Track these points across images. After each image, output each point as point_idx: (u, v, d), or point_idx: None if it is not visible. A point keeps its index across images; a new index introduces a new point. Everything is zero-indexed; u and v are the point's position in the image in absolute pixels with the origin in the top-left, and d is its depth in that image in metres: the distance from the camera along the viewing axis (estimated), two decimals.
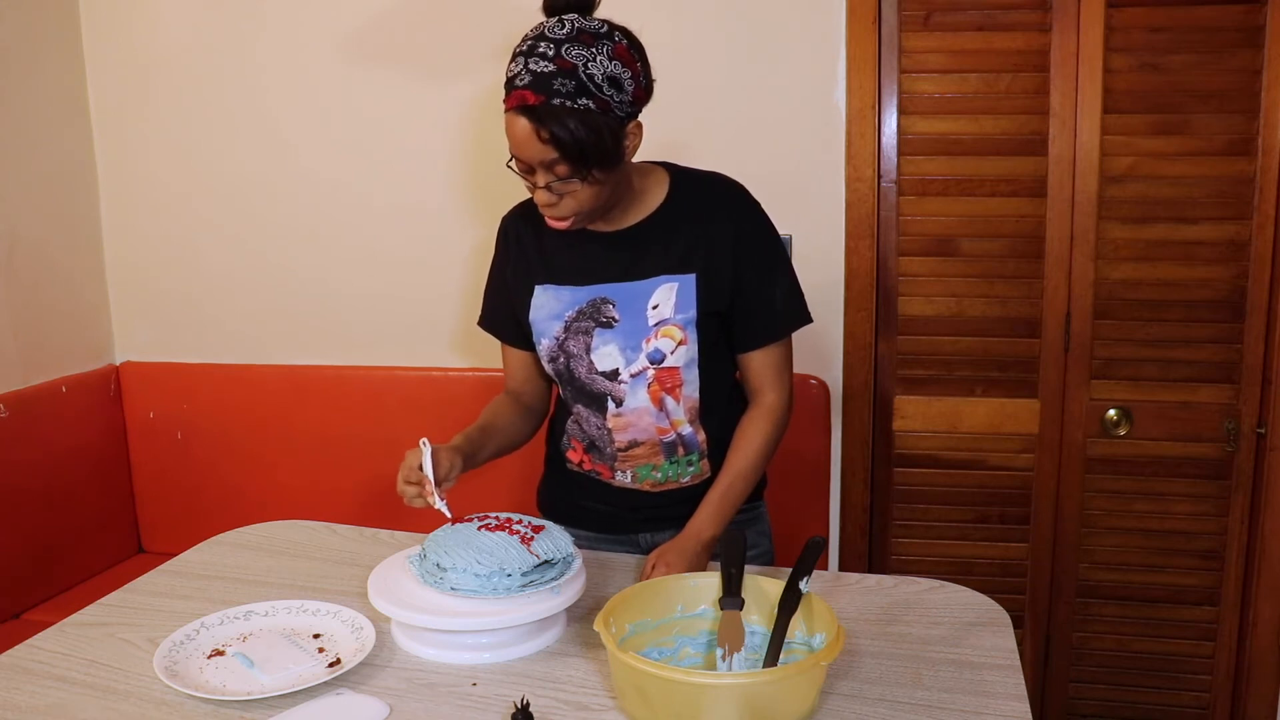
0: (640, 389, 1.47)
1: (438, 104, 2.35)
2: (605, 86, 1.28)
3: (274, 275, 2.53)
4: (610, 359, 1.47)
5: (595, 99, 1.27)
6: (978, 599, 1.38)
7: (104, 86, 2.55)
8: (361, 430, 2.45)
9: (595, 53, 1.28)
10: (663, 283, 1.44)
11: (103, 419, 2.57)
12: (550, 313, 1.50)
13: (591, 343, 1.48)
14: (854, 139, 2.16)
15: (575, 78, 1.26)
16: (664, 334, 1.45)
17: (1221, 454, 2.15)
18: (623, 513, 1.57)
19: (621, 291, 1.46)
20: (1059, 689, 2.32)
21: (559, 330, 1.49)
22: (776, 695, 1.04)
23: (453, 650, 1.23)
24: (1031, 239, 2.15)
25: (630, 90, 1.31)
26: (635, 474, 1.53)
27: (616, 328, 1.46)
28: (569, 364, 1.50)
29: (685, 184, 1.48)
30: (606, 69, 1.28)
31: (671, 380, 1.47)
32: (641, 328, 1.45)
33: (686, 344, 1.45)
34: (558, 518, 1.63)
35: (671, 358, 1.46)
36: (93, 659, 1.25)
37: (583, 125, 1.27)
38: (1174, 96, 2.05)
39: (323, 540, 1.64)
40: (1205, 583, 2.21)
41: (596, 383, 1.49)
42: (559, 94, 1.26)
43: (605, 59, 1.28)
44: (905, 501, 2.30)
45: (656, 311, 1.44)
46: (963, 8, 2.09)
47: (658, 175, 1.49)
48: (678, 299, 1.44)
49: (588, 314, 1.47)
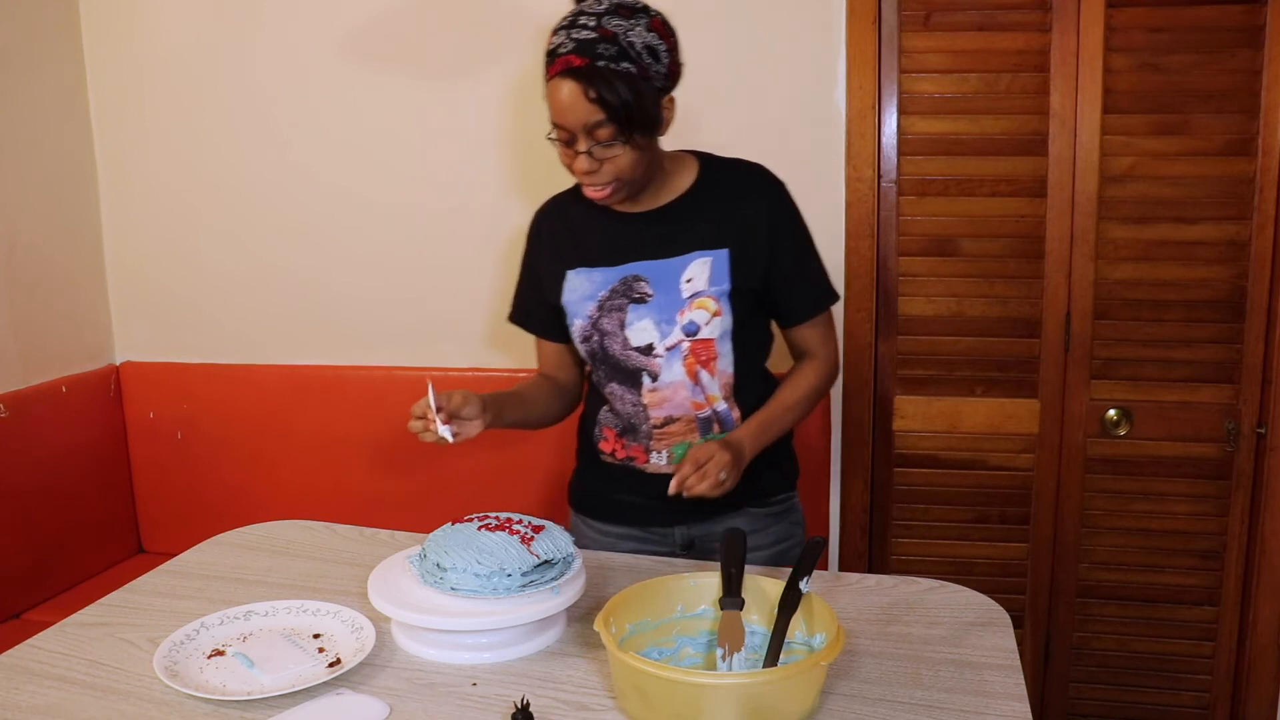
0: (675, 362, 1.49)
1: (437, 104, 2.35)
2: (644, 55, 1.35)
3: (274, 275, 2.53)
4: (645, 334, 1.49)
5: (636, 64, 1.34)
6: (978, 599, 1.38)
7: (104, 86, 2.55)
8: (361, 430, 2.45)
9: (634, 23, 1.35)
10: (696, 258, 1.47)
11: (103, 419, 2.57)
12: (583, 294, 1.52)
13: (625, 319, 1.49)
14: (854, 139, 2.16)
15: (616, 44, 1.33)
16: (698, 305, 1.47)
17: (1221, 454, 2.15)
18: (656, 504, 1.56)
19: (654, 269, 1.48)
20: (1059, 689, 2.32)
21: (592, 309, 1.51)
22: (776, 695, 1.04)
23: (453, 650, 1.23)
24: (1031, 239, 2.15)
25: (666, 63, 1.38)
26: (671, 454, 1.53)
27: (650, 302, 1.48)
28: (603, 342, 1.52)
29: (714, 167, 1.53)
30: (645, 39, 1.35)
31: (706, 353, 1.48)
32: (675, 301, 1.47)
33: (721, 315, 1.47)
34: (590, 512, 1.65)
35: (706, 329, 1.47)
36: (93, 659, 1.25)
37: (625, 86, 1.33)
38: (1174, 96, 2.05)
39: (323, 540, 1.64)
40: (1205, 583, 2.21)
41: (631, 359, 1.50)
42: (603, 57, 1.32)
43: (644, 29, 1.35)
44: (905, 501, 2.30)
45: (690, 285, 1.47)
46: (963, 8, 2.09)
47: (686, 160, 1.53)
48: (711, 272, 1.47)
49: (620, 292, 1.49)
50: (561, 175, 2.28)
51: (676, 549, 1.60)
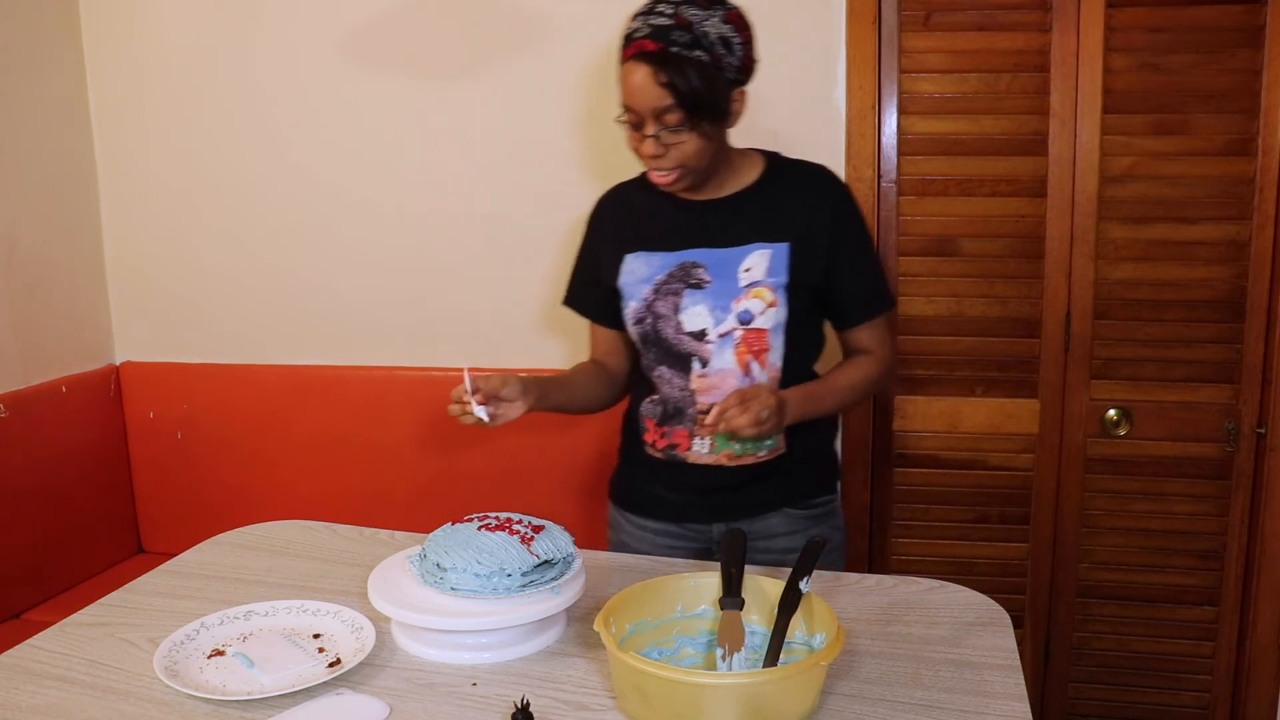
0: (727, 350, 1.49)
1: (438, 104, 2.35)
2: (718, 45, 1.37)
3: (274, 275, 2.53)
4: (699, 319, 1.50)
5: (709, 54, 1.36)
6: (978, 599, 1.38)
7: (104, 87, 2.55)
8: (361, 430, 2.45)
9: (710, 14, 1.38)
10: (756, 249, 1.49)
11: (103, 419, 2.57)
12: (639, 277, 1.54)
13: (680, 303, 1.51)
14: (854, 139, 2.16)
15: (691, 32, 1.36)
16: (754, 294, 1.48)
17: (1221, 454, 2.15)
18: (695, 499, 1.57)
19: (713, 256, 1.50)
20: (1059, 689, 2.32)
21: (647, 292, 1.53)
22: (776, 695, 1.04)
23: (453, 650, 1.23)
24: (1031, 239, 2.15)
25: (739, 54, 1.40)
26: (714, 441, 1.53)
27: (707, 289, 1.49)
28: (656, 324, 1.53)
29: (781, 165, 1.56)
30: (720, 30, 1.38)
31: (759, 344, 1.49)
32: (732, 289, 1.48)
33: (776, 306, 1.48)
34: (629, 507, 1.66)
35: (760, 319, 1.48)
36: (93, 659, 1.25)
37: (696, 74, 1.36)
38: (1174, 96, 2.05)
39: (323, 540, 1.64)
40: (1205, 583, 2.21)
41: (683, 343, 1.51)
42: (676, 44, 1.35)
43: (719, 21, 1.38)
44: (905, 501, 2.30)
45: (748, 274, 1.48)
46: (963, 8, 2.09)
47: (754, 156, 1.56)
48: (770, 264, 1.48)
49: (677, 276, 1.51)
50: (562, 176, 2.31)
51: (713, 546, 1.60)
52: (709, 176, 1.49)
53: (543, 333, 2.39)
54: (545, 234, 2.34)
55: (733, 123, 1.46)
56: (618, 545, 1.69)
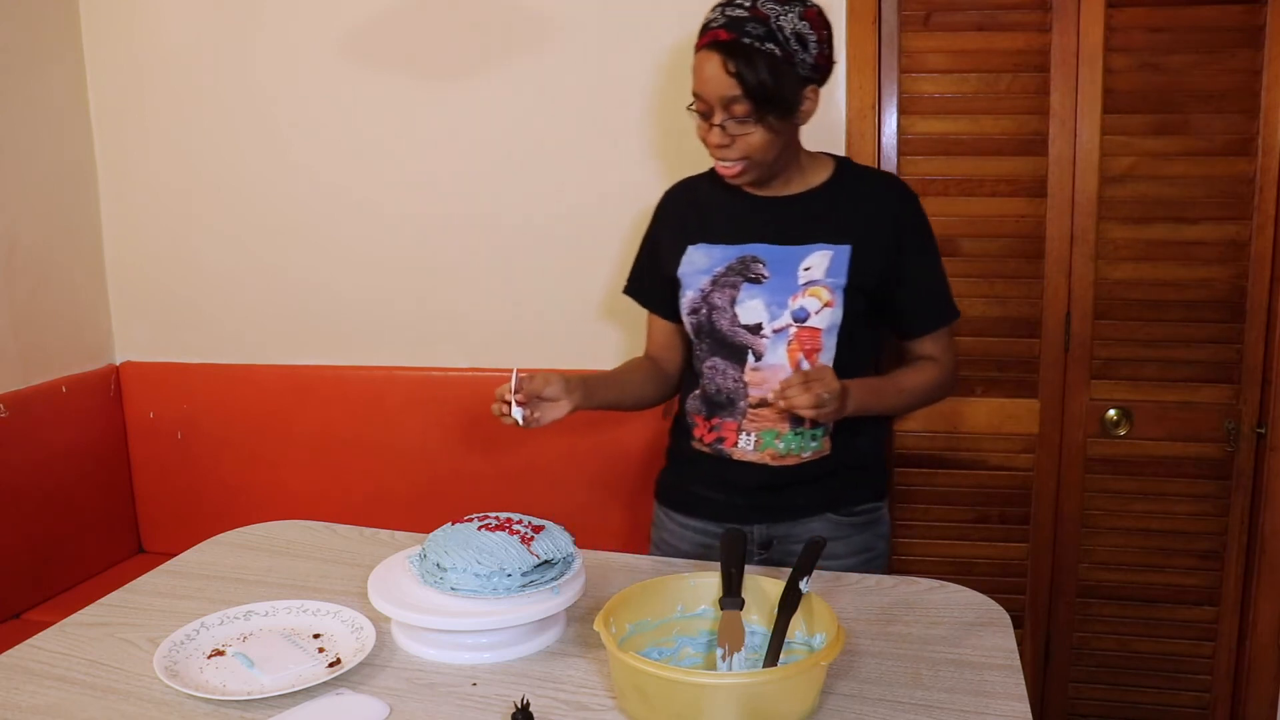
0: (780, 346, 1.49)
1: (438, 104, 2.35)
2: (792, 40, 1.38)
3: (274, 275, 2.53)
4: (755, 313, 1.50)
5: (781, 48, 1.37)
6: (978, 599, 1.38)
7: (104, 86, 2.55)
8: (361, 430, 2.45)
9: (787, 9, 1.38)
10: (817, 249, 1.49)
11: (103, 419, 2.57)
12: (699, 268, 1.54)
13: (737, 296, 1.51)
14: (854, 139, 2.16)
15: (766, 25, 1.37)
16: (811, 293, 1.48)
17: (1221, 454, 2.15)
18: (737, 499, 1.57)
19: (774, 253, 1.50)
20: (1059, 689, 2.32)
21: (705, 283, 1.53)
22: (776, 695, 1.04)
23: (453, 650, 1.23)
24: (1031, 239, 2.15)
25: (814, 52, 1.40)
26: (759, 439, 1.53)
27: (765, 284, 1.49)
28: (711, 315, 1.53)
29: (851, 169, 1.56)
30: (795, 25, 1.38)
31: (812, 342, 1.49)
32: (790, 285, 1.48)
33: (833, 306, 1.48)
34: (673, 505, 1.67)
35: (815, 318, 1.48)
36: (93, 659, 1.25)
37: (766, 66, 1.36)
38: (1174, 96, 2.05)
39: (323, 540, 1.64)
40: (1205, 583, 2.21)
41: (739, 335, 1.51)
42: (749, 35, 1.36)
43: (796, 17, 1.38)
44: (905, 501, 2.30)
45: (808, 273, 1.48)
46: (963, 8, 2.09)
47: (824, 159, 1.56)
48: (830, 265, 1.48)
49: (736, 270, 1.51)
50: (562, 176, 2.30)
51: (754, 548, 1.59)
52: (776, 173, 1.50)
53: (543, 333, 2.39)
54: (545, 234, 2.34)
55: (803, 120, 1.46)
56: (660, 543, 1.69)
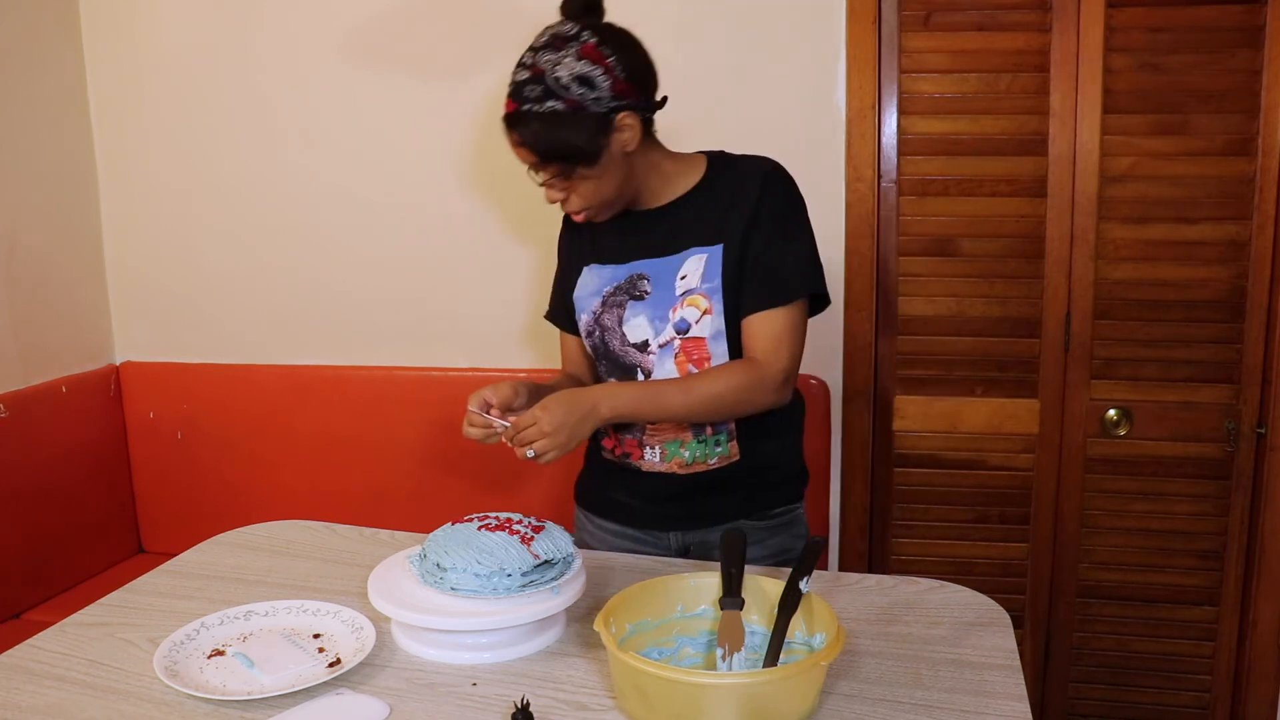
0: (668, 360, 1.48)
1: (437, 104, 2.35)
2: (574, 86, 1.34)
3: (274, 275, 2.53)
4: (640, 330, 1.49)
5: (564, 100, 1.34)
6: (978, 599, 1.38)
7: (104, 86, 2.55)
8: (361, 430, 2.45)
9: (563, 55, 1.34)
10: (692, 255, 1.47)
11: (103, 419, 2.57)
12: (591, 290, 1.54)
13: (624, 315, 1.50)
14: (854, 139, 2.16)
15: (542, 83, 1.34)
16: (689, 303, 1.47)
17: (1221, 454, 2.15)
18: (651, 506, 1.57)
19: (656, 266, 1.49)
20: (1059, 689, 2.32)
21: (596, 305, 1.53)
22: (776, 695, 1.04)
23: (453, 650, 1.23)
24: (1031, 239, 2.15)
25: (605, 85, 1.35)
26: (664, 450, 1.53)
27: (647, 299, 1.49)
28: (603, 337, 1.53)
29: (721, 164, 1.52)
30: (574, 69, 1.34)
31: (698, 352, 1.47)
32: (669, 298, 1.47)
33: (712, 314, 1.46)
34: (591, 508, 1.66)
35: (697, 327, 1.47)
36: (93, 659, 1.25)
37: (548, 127, 1.34)
38: (1174, 96, 2.05)
39: (323, 540, 1.64)
40: (1205, 583, 2.21)
41: (629, 355, 1.51)
42: (528, 99, 1.35)
43: (572, 60, 1.34)
44: (905, 501, 2.30)
45: (684, 282, 1.47)
46: (963, 8, 2.09)
47: (697, 161, 1.53)
48: (705, 269, 1.46)
49: (624, 289, 1.51)
50: None
51: (672, 553, 1.59)
52: (636, 195, 1.48)
53: (543, 333, 2.39)
54: (545, 234, 2.34)
55: (618, 149, 1.39)
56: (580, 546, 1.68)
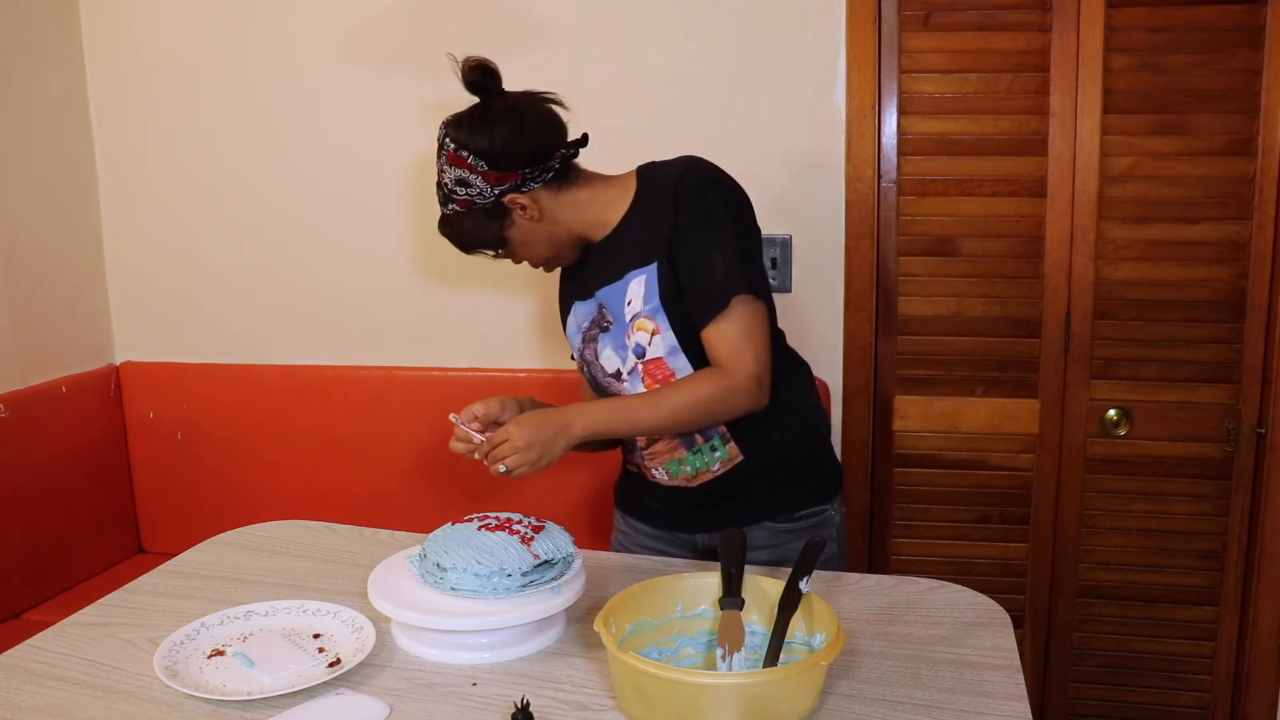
0: (638, 385, 1.49)
1: (437, 104, 2.35)
2: (459, 190, 1.44)
3: (274, 275, 2.53)
4: (611, 361, 1.51)
5: (457, 201, 1.45)
6: (978, 599, 1.38)
7: (104, 86, 2.55)
8: (361, 430, 2.45)
9: (441, 163, 1.45)
10: (632, 278, 1.46)
11: (103, 419, 2.57)
12: (574, 327, 1.56)
13: (598, 348, 1.52)
14: (854, 139, 2.16)
15: (441, 188, 1.46)
16: (638, 327, 1.46)
17: (1221, 454, 2.15)
18: (676, 511, 1.58)
19: (609, 295, 1.49)
20: (1059, 689, 2.32)
21: (580, 343, 1.55)
22: (776, 695, 1.04)
23: (453, 650, 1.23)
24: (1031, 239, 2.15)
25: (479, 182, 1.42)
26: (667, 470, 1.54)
27: (610, 330, 1.50)
28: (590, 371, 1.56)
29: (647, 177, 1.49)
30: (450, 174, 1.44)
31: (660, 371, 1.47)
32: (623, 325, 1.48)
33: (660, 333, 1.45)
34: (626, 509, 1.68)
35: (651, 349, 1.46)
36: (93, 659, 1.25)
37: (455, 227, 1.48)
38: (1174, 96, 2.05)
39: (323, 540, 1.64)
40: (1205, 583, 2.21)
41: (611, 385, 1.53)
42: (440, 202, 1.48)
43: (447, 165, 1.44)
44: (905, 501, 2.30)
45: (630, 306, 1.47)
46: (963, 8, 2.09)
47: (628, 180, 1.51)
48: (645, 290, 1.45)
49: (596, 322, 1.52)
50: None
51: (699, 554, 1.59)
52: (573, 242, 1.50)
53: (543, 333, 2.39)
54: None
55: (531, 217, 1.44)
56: (618, 546, 1.71)
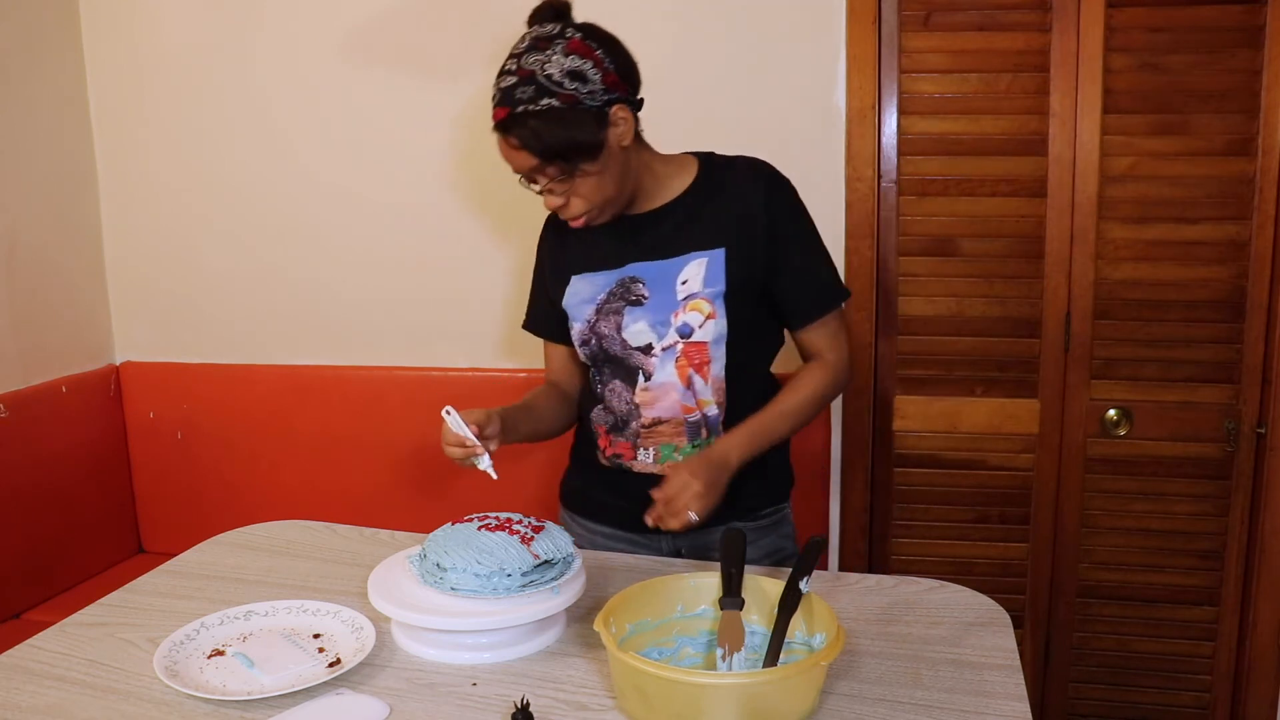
0: (669, 364, 1.48)
1: (437, 104, 2.35)
2: (566, 82, 1.33)
3: (274, 275, 2.53)
4: (642, 335, 1.49)
5: (559, 96, 1.32)
6: (978, 599, 1.38)
7: (104, 86, 2.55)
8: (361, 430, 2.45)
9: (550, 54, 1.34)
10: (692, 259, 1.46)
11: (103, 419, 2.57)
12: (583, 298, 1.53)
13: (622, 321, 1.49)
14: (854, 139, 2.16)
15: (534, 82, 1.33)
16: (692, 307, 1.46)
17: (1221, 454, 2.15)
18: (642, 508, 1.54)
19: (651, 270, 1.48)
20: (1059, 689, 2.32)
21: (590, 314, 1.52)
22: (776, 695, 1.04)
23: (453, 650, 1.23)
24: (1031, 239, 2.15)
25: (597, 79, 1.35)
26: (657, 452, 1.53)
27: (646, 304, 1.48)
28: (601, 344, 1.52)
29: (713, 166, 1.51)
30: (564, 65, 1.33)
31: (699, 356, 1.47)
32: (670, 302, 1.47)
33: (715, 318, 1.46)
34: (578, 509, 1.66)
35: (700, 332, 1.46)
36: (93, 659, 1.25)
37: (547, 124, 1.33)
38: (1174, 96, 2.05)
39: (323, 540, 1.64)
40: (1205, 583, 2.21)
41: (632, 357, 1.50)
42: (521, 101, 1.33)
43: (560, 56, 1.33)
44: (905, 501, 2.30)
45: (686, 286, 1.46)
46: (963, 8, 2.09)
47: (687, 162, 1.52)
48: (707, 273, 1.45)
49: (618, 294, 1.50)
50: None
51: (664, 555, 1.59)
52: (632, 197, 1.47)
53: None
54: None
55: (623, 140, 1.39)
56: None
